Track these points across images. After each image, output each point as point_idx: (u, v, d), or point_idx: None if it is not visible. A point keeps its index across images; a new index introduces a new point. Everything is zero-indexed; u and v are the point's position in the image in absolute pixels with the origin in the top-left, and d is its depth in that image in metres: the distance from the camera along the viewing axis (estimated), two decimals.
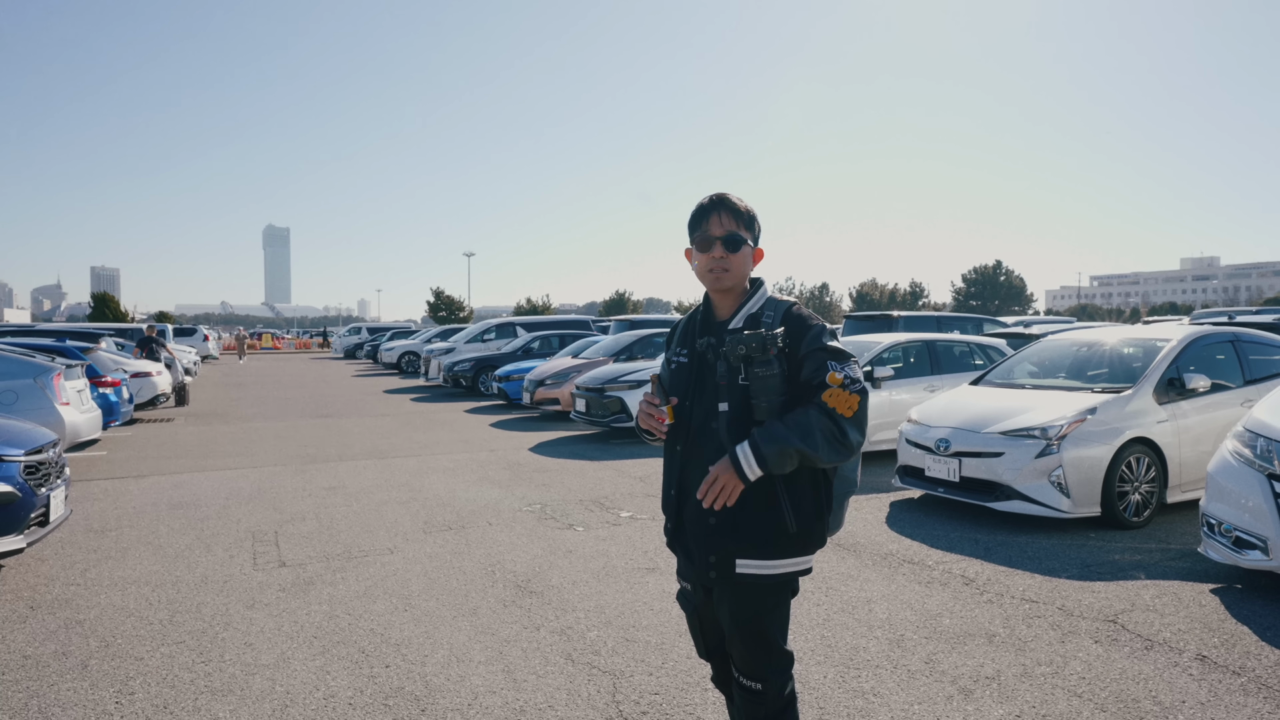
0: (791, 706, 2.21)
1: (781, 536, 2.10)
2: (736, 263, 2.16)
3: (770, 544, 2.10)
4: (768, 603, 2.15)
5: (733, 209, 2.17)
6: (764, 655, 2.15)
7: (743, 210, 2.19)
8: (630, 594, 4.57)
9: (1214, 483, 4.65)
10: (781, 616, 2.19)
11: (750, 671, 2.16)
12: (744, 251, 2.17)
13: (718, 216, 2.17)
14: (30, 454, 4.86)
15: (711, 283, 2.19)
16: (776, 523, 2.09)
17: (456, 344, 22.46)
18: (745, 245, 2.17)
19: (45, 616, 4.25)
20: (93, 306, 50.23)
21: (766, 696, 2.15)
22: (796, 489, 2.11)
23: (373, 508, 6.85)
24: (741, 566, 2.11)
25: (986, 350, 10.04)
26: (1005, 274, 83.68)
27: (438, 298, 60.44)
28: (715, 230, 2.16)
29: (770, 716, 2.17)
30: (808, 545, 2.14)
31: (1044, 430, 5.91)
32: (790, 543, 2.11)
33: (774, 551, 2.10)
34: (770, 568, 2.11)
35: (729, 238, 2.15)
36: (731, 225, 2.16)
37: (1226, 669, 3.52)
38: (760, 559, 2.10)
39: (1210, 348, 6.73)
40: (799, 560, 2.14)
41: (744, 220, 2.18)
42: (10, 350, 9.40)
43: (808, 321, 2.12)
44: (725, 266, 2.15)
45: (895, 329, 13.74)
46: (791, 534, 2.10)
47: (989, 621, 4.11)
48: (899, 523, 6.19)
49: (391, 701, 3.29)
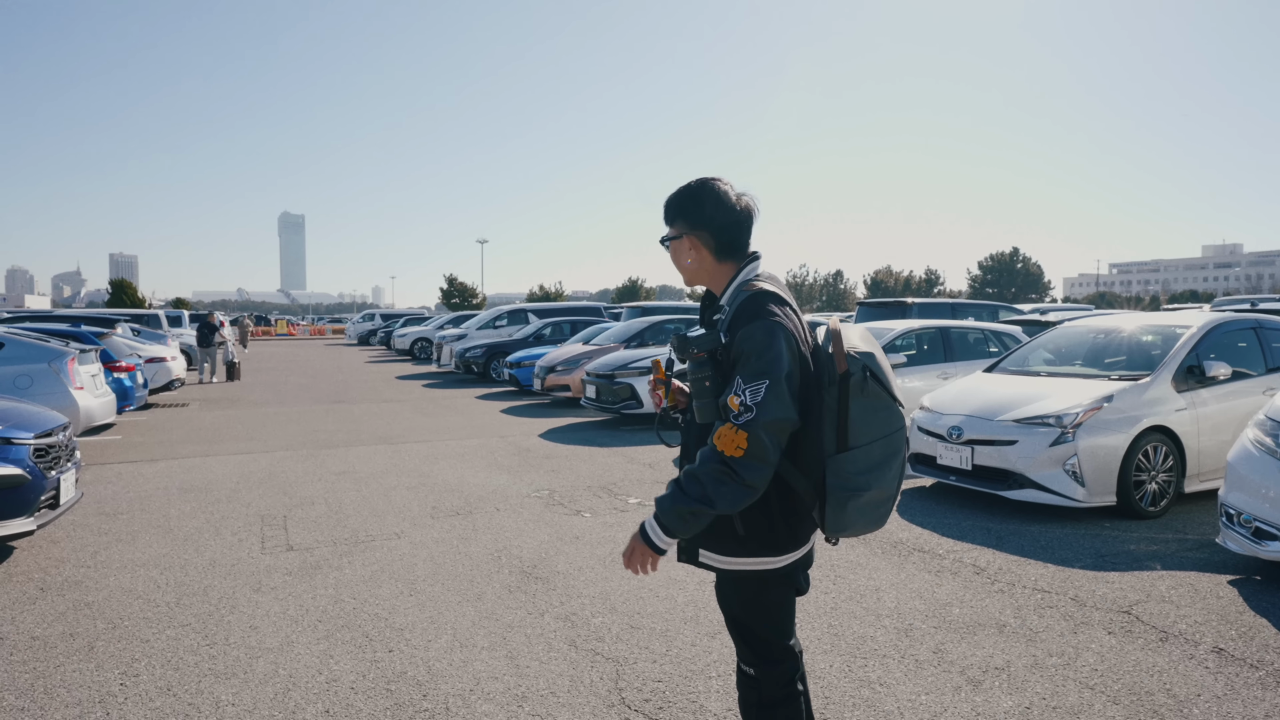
0: (791, 704, 2.12)
1: (730, 538, 2.01)
2: (676, 259, 2.12)
3: (721, 541, 2.03)
4: (742, 594, 2.09)
5: (665, 209, 2.12)
6: (748, 643, 2.12)
7: (667, 206, 2.12)
8: (636, 581, 4.54)
9: (1234, 472, 4.55)
10: (762, 610, 2.09)
11: (742, 655, 2.15)
12: (674, 246, 2.11)
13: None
14: (40, 437, 4.88)
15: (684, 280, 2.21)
16: (725, 524, 1.99)
17: (469, 330, 22.49)
18: (676, 239, 2.09)
19: (55, 598, 4.28)
20: (110, 293, 50.72)
21: (759, 684, 2.12)
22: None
23: (381, 493, 6.85)
24: (703, 556, 2.07)
25: (1001, 337, 9.91)
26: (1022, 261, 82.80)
27: (451, 284, 60.58)
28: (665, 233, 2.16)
29: (763, 705, 2.12)
30: (765, 548, 2.01)
31: (1059, 418, 5.81)
32: (739, 544, 2.01)
33: (726, 549, 2.03)
34: (725, 562, 2.04)
35: (662, 239, 2.14)
36: (666, 225, 2.13)
37: (1244, 662, 3.44)
38: (715, 553, 2.05)
39: (1231, 335, 6.59)
40: (759, 560, 2.02)
41: (667, 215, 2.12)
42: (25, 335, 9.48)
43: (746, 317, 1.93)
44: (676, 264, 2.13)
45: (909, 316, 13.59)
46: (740, 536, 2.00)
47: (1000, 611, 4.05)
48: (910, 511, 6.12)
49: (394, 686, 3.28)
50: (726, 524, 1.99)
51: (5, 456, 4.61)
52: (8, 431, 4.71)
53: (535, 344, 17.82)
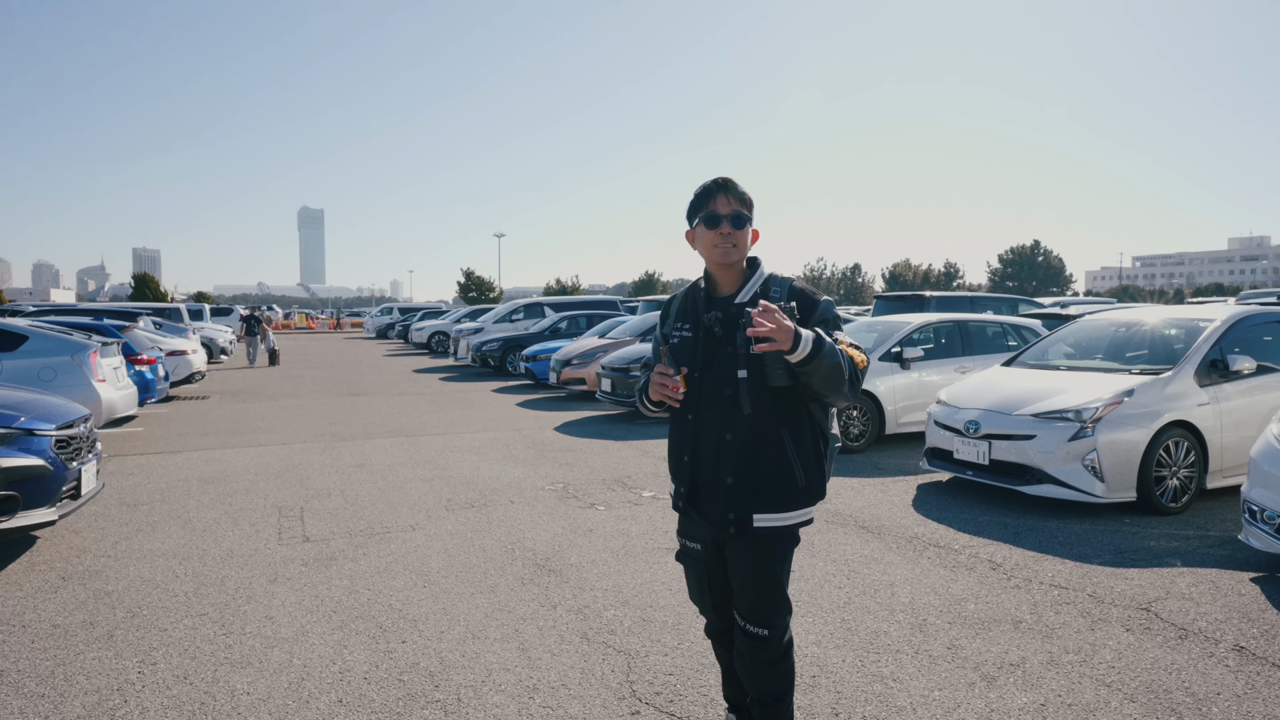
0: (790, 652, 2.44)
1: (793, 490, 2.32)
2: (742, 239, 2.33)
3: (784, 498, 2.31)
4: (781, 551, 2.37)
5: (736, 191, 2.33)
6: (774, 599, 2.37)
7: (742, 192, 2.35)
8: (649, 574, 4.54)
9: (1257, 468, 4.47)
10: (789, 563, 2.42)
11: (758, 619, 2.36)
12: (747, 229, 2.34)
13: (725, 197, 2.32)
14: (62, 429, 4.95)
15: (720, 257, 2.33)
16: (788, 478, 2.30)
17: (485, 324, 22.57)
18: (748, 224, 2.34)
19: (75, 587, 4.34)
20: (133, 287, 51.39)
21: (771, 642, 2.37)
22: (804, 448, 2.33)
23: (397, 485, 6.90)
24: (759, 520, 2.31)
25: (1020, 331, 9.80)
26: (1043, 254, 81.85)
27: (468, 278, 60.85)
28: (722, 209, 2.31)
29: (774, 660, 2.39)
30: (814, 497, 2.36)
31: (1078, 413, 5.73)
32: (800, 495, 2.33)
33: (787, 504, 2.32)
34: (783, 519, 2.33)
35: (735, 216, 2.31)
36: (736, 205, 2.32)
37: (1266, 660, 3.39)
38: (775, 512, 2.31)
39: (1257, 328, 6.46)
40: (806, 511, 2.37)
41: (745, 202, 2.34)
42: (49, 329, 9.62)
43: (814, 296, 2.32)
44: (733, 242, 2.31)
45: (927, 309, 13.48)
46: (801, 488, 2.32)
47: (1015, 607, 4.01)
48: (926, 506, 6.07)
49: (406, 677, 3.30)
50: (789, 477, 2.30)
51: (28, 447, 4.68)
52: (30, 423, 4.78)
53: (551, 338, 17.84)
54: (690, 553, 2.54)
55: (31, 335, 9.08)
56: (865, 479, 7.05)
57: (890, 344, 8.80)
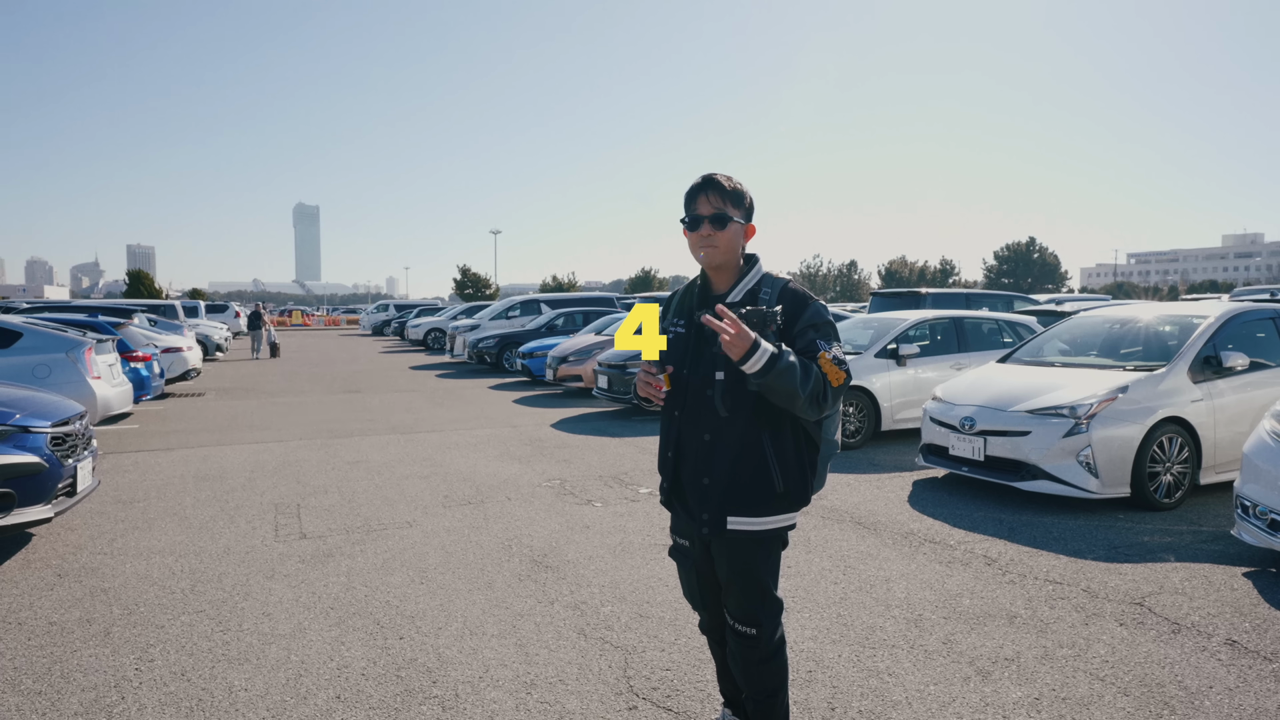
0: (782, 650, 2.41)
1: (770, 496, 2.27)
2: (723, 240, 2.27)
3: (760, 502, 2.27)
4: (759, 554, 2.32)
5: (720, 189, 2.27)
6: (758, 600, 2.34)
7: (729, 189, 2.27)
8: (645, 570, 4.55)
9: (1249, 463, 4.50)
10: (773, 565, 2.37)
11: (745, 618, 2.34)
12: (732, 229, 2.27)
13: (706, 197, 2.27)
14: (57, 426, 4.94)
15: (702, 259, 2.32)
16: (765, 483, 2.25)
17: (481, 321, 22.54)
18: (733, 223, 2.27)
19: (72, 584, 4.34)
20: (128, 283, 51.20)
21: (760, 640, 2.34)
22: (784, 452, 2.27)
23: (394, 482, 6.90)
24: (733, 523, 2.28)
25: (1016, 327, 9.83)
26: (1039, 251, 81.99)
27: (464, 275, 60.70)
28: (703, 209, 2.27)
29: (764, 659, 2.36)
30: (794, 503, 2.31)
31: (1072, 409, 5.76)
32: (778, 501, 2.28)
33: (763, 509, 2.27)
34: (758, 524, 2.28)
35: (715, 216, 2.26)
36: (719, 204, 2.26)
37: (1257, 654, 3.41)
38: (749, 516, 2.27)
39: (1250, 325, 6.50)
40: (785, 517, 2.32)
41: (731, 199, 2.27)
42: (44, 325, 9.59)
43: (804, 300, 2.27)
44: (713, 244, 2.27)
45: (923, 306, 13.51)
46: (779, 493, 2.27)
47: (1010, 602, 4.03)
48: (921, 502, 6.09)
49: (404, 673, 3.31)
50: (766, 482, 2.25)
51: (23, 445, 4.67)
52: (25, 420, 4.77)
53: (548, 334, 17.84)
54: (681, 549, 2.54)
55: (26, 332, 9.05)
56: (861, 475, 7.07)
57: (886, 341, 8.83)
